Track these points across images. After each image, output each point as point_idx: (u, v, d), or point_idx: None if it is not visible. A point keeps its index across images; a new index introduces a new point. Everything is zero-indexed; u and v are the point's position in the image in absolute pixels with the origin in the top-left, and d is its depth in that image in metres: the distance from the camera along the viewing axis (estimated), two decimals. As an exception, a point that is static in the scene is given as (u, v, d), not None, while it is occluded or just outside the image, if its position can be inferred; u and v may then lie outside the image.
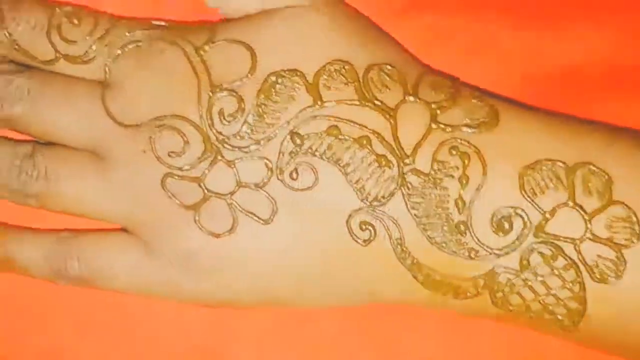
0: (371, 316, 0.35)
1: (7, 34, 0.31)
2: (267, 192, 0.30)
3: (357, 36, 0.32)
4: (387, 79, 0.31)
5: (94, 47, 0.32)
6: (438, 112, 0.31)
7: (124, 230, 0.32)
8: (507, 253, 0.30)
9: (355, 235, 0.30)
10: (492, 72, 0.35)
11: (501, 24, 0.34)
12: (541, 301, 0.30)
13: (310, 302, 0.32)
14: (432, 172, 0.30)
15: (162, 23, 0.32)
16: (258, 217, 0.30)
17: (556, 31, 0.35)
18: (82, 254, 0.32)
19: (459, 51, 0.35)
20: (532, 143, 0.31)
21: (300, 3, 0.31)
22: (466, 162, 0.30)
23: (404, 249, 0.30)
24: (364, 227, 0.30)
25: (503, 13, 0.34)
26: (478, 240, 0.30)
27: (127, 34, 0.32)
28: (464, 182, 0.30)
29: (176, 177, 0.31)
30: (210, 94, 0.31)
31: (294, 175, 0.30)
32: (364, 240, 0.30)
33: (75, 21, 0.32)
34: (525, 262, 0.30)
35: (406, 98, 0.31)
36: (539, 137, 0.31)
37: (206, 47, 0.31)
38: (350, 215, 0.30)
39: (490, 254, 0.30)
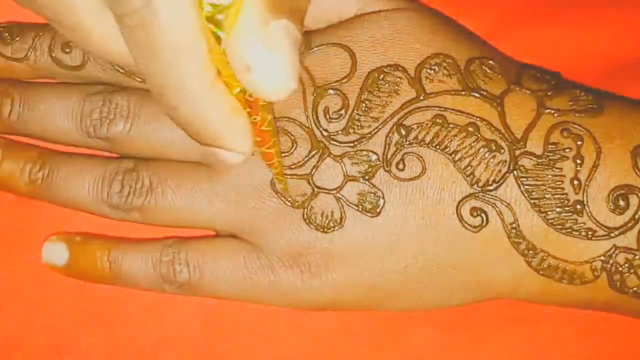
0: (370, 315, 0.34)
1: None
2: (374, 184, 0.30)
3: (453, 34, 0.32)
4: (489, 71, 0.31)
5: None
6: (545, 99, 0.31)
7: (230, 235, 0.33)
8: (623, 232, 0.29)
9: (466, 222, 0.30)
10: None
11: (499, 21, 0.35)
12: None
13: (415, 297, 0.32)
14: (546, 154, 0.30)
15: None
16: (366, 210, 0.30)
17: (555, 28, 0.35)
18: (191, 260, 0.32)
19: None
20: (638, 126, 0.30)
21: (391, 7, 0.32)
22: (579, 143, 0.30)
23: (519, 232, 0.30)
24: (475, 213, 0.30)
25: (501, 10, 0.35)
26: (595, 219, 0.29)
27: None
28: (579, 161, 0.30)
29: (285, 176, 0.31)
30: (315, 94, 0.31)
31: (401, 165, 0.30)
32: (475, 227, 0.30)
33: None
34: None
35: (511, 87, 0.31)
36: None
37: (305, 54, 0.32)
38: (460, 202, 0.30)
39: (608, 233, 0.29)
